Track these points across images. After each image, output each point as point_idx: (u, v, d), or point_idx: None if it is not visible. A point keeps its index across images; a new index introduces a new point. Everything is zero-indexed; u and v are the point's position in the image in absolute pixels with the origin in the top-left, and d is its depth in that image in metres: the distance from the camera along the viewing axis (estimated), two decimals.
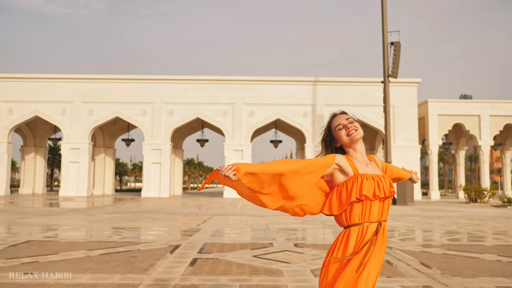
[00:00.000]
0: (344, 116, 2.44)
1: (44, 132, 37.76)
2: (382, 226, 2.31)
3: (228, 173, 2.05)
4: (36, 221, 12.24)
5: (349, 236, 2.28)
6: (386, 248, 2.42)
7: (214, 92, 31.75)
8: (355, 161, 2.37)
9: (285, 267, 5.73)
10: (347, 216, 2.31)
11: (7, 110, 31.69)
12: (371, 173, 2.35)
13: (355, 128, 2.38)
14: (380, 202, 2.32)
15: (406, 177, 2.86)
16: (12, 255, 6.48)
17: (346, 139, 2.37)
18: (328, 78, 32.10)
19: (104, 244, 7.75)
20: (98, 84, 31.87)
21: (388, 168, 2.70)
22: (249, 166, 2.12)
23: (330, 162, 2.28)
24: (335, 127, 2.42)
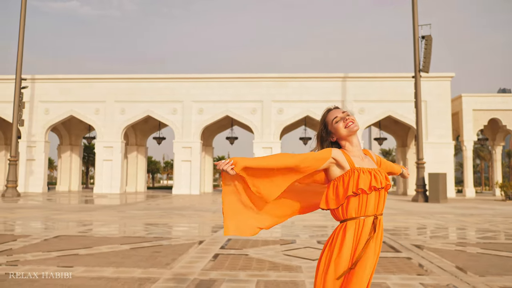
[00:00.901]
0: (340, 110, 2.45)
1: (79, 131, 38.90)
2: (378, 220, 2.31)
3: (226, 168, 2.07)
4: (69, 217, 12.66)
5: (345, 230, 2.28)
6: (381, 242, 2.40)
7: (243, 89, 31.88)
8: (351, 155, 2.37)
9: (305, 264, 5.73)
10: (344, 210, 2.31)
11: (44, 110, 32.81)
12: (367, 167, 2.36)
13: (352, 120, 2.39)
14: (376, 195, 2.31)
15: (397, 171, 2.88)
16: (43, 249, 6.74)
17: (344, 131, 2.36)
18: (357, 74, 31.69)
19: (130, 239, 7.95)
20: (129, 83, 32.56)
21: (382, 162, 2.71)
22: (247, 160, 2.14)
23: (327, 156, 2.29)
24: (331, 120, 2.41)
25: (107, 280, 4.80)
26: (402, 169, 2.94)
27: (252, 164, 2.13)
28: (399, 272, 5.31)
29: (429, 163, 28.68)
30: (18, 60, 26.07)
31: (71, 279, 4.81)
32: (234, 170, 2.09)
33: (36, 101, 32.80)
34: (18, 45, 25.99)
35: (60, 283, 4.63)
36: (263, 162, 2.17)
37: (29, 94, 32.12)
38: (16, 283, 4.61)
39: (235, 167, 2.08)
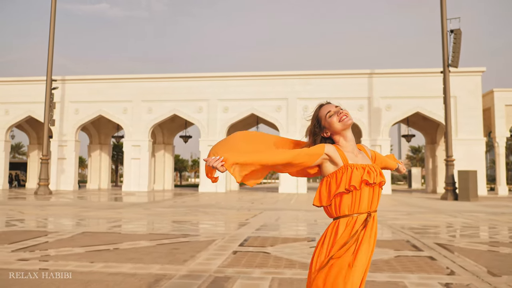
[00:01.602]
0: (332, 104, 2.40)
1: (108, 130, 39.73)
2: (371, 217, 2.27)
3: (215, 164, 2.02)
4: (96, 214, 12.94)
5: (338, 228, 2.24)
6: (376, 239, 2.35)
7: (268, 87, 31.85)
8: (345, 150, 2.32)
9: None
10: (337, 207, 2.27)
11: (74, 110, 33.65)
12: (361, 163, 2.31)
13: (346, 114, 2.35)
14: (370, 192, 2.27)
15: (393, 166, 2.82)
16: (66, 245, 6.91)
17: (339, 125, 2.32)
18: (384, 70, 31.18)
19: (152, 236, 8.07)
20: (156, 83, 33.02)
21: (377, 157, 2.66)
22: (237, 156, 2.09)
23: (320, 152, 2.25)
24: (325, 115, 2.36)
25: (124, 275, 4.88)
26: (397, 164, 2.87)
27: (243, 160, 2.09)
28: (418, 271, 5.20)
29: (459, 160, 27.96)
30: (49, 62, 26.81)
31: (89, 274, 4.92)
32: (224, 167, 2.04)
33: (66, 102, 33.67)
34: (48, 47, 26.74)
35: (78, 278, 4.73)
36: (255, 158, 2.13)
37: (59, 95, 33.01)
38: (37, 278, 4.74)
39: (225, 164, 2.03)
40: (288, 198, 23.98)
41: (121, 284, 4.52)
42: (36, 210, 14.12)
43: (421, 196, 27.60)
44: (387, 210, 15.54)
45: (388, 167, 2.77)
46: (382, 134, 30.64)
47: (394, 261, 5.79)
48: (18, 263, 5.50)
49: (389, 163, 2.76)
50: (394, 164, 2.81)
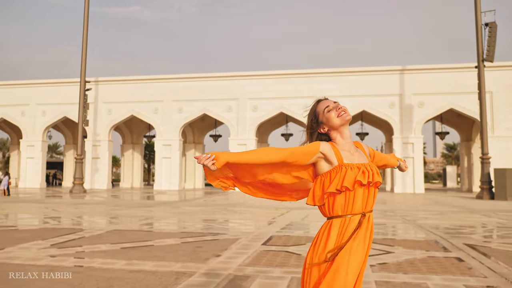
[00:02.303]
0: (331, 100, 2.34)
1: (140, 130, 40.49)
2: (366, 218, 2.20)
3: (206, 162, 1.99)
4: (127, 212, 13.22)
5: (330, 228, 2.18)
6: (372, 240, 2.28)
7: (297, 86, 31.68)
8: (341, 148, 2.26)
9: None
10: (330, 207, 2.21)
11: (107, 111, 34.46)
12: (357, 161, 2.24)
13: (344, 109, 2.28)
14: (365, 192, 2.20)
15: (393, 164, 2.73)
16: (94, 242, 7.08)
17: (337, 120, 2.25)
18: (415, 66, 30.45)
19: (177, 234, 8.16)
20: (186, 82, 33.40)
21: (376, 155, 2.57)
22: (229, 155, 2.05)
23: (315, 151, 2.20)
24: (323, 110, 2.30)
25: (146, 273, 4.96)
26: (399, 162, 2.78)
27: (235, 159, 2.05)
28: (443, 272, 5.05)
29: (496, 158, 27.02)
30: (82, 64, 27.55)
31: (112, 271, 5.02)
32: (215, 166, 2.00)
33: (100, 102, 34.52)
34: (82, 50, 27.48)
35: (100, 275, 4.84)
36: (247, 157, 2.09)
37: (93, 96, 33.87)
38: (62, 274, 4.88)
39: (216, 162, 2.00)
40: None
41: (142, 282, 4.59)
42: (70, 208, 14.54)
43: (456, 195, 26.84)
44: (418, 209, 15.18)
45: (389, 164, 2.70)
46: (414, 132, 29.96)
47: (419, 262, 5.65)
48: (46, 259, 5.68)
49: (389, 160, 2.69)
50: (394, 162, 2.74)
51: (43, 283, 4.51)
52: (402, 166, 2.80)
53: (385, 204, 18.06)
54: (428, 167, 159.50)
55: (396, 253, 6.24)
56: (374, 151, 2.53)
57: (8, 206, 15.49)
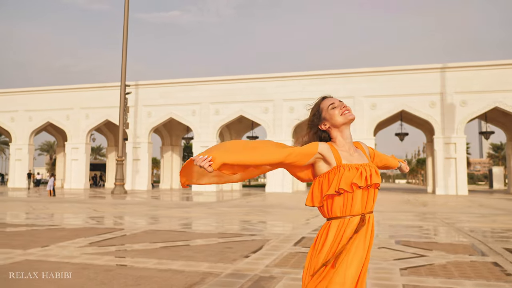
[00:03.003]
0: (336, 99, 2.31)
1: (179, 132, 41.25)
2: (366, 219, 2.17)
3: (203, 164, 1.95)
4: (163, 213, 13.50)
5: (329, 229, 2.16)
6: (372, 242, 2.23)
7: (332, 86, 31.32)
8: (340, 149, 2.23)
9: (374, 264, 5.49)
10: (329, 208, 2.19)
11: (147, 114, 35.31)
12: (356, 162, 2.21)
13: (348, 109, 2.26)
14: (364, 193, 2.17)
15: (394, 165, 2.71)
16: (128, 242, 7.29)
17: (340, 118, 2.22)
18: (457, 64, 29.44)
19: (208, 235, 8.26)
20: (223, 85, 33.74)
21: (376, 155, 2.54)
22: (226, 155, 2.01)
23: (313, 151, 2.17)
24: (327, 106, 2.27)
25: (173, 272, 5.05)
26: (400, 163, 2.76)
27: (232, 160, 2.03)
28: (476, 277, 4.87)
29: None
30: (122, 69, 28.37)
31: (142, 269, 5.15)
32: (212, 167, 1.96)
33: (140, 105, 35.42)
34: (122, 55, 28.30)
35: (129, 273, 4.97)
36: (245, 158, 2.07)
37: (133, 99, 34.81)
38: (94, 272, 5.05)
39: (213, 164, 1.97)
40: None
41: (169, 281, 4.68)
42: (109, 209, 15.00)
43: (501, 197, 25.76)
44: (460, 212, 14.68)
45: (390, 165, 2.68)
46: (457, 132, 28.98)
47: (451, 266, 5.47)
48: (81, 257, 5.89)
49: (390, 161, 2.67)
50: (395, 163, 2.72)
51: (75, 280, 4.69)
52: (403, 167, 2.79)
53: (425, 206, 17.58)
54: (474, 168, 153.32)
55: (429, 257, 6.06)
56: (374, 151, 2.51)
57: (53, 206, 16.16)
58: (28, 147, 38.50)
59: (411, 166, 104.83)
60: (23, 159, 38.48)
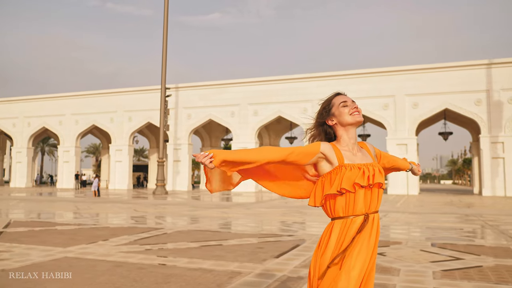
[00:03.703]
0: (350, 98, 2.28)
1: (218, 133, 41.75)
2: (370, 219, 2.13)
3: (204, 160, 1.98)
4: (200, 213, 13.71)
5: (332, 229, 2.14)
6: (378, 241, 2.17)
7: (373, 85, 30.77)
8: (343, 149, 2.21)
9: (406, 267, 5.36)
10: (332, 208, 2.17)
11: (187, 116, 35.95)
12: (359, 162, 2.17)
13: (359, 111, 2.23)
14: (367, 193, 2.13)
15: (404, 167, 2.63)
16: (162, 241, 7.46)
17: (349, 117, 2.20)
18: (504, 59, 28.15)
19: (241, 235, 8.32)
20: (261, 86, 33.85)
21: (383, 156, 2.48)
22: (227, 153, 2.04)
23: (315, 151, 2.16)
24: (339, 103, 2.25)
25: (203, 271, 5.13)
26: (411, 165, 2.68)
27: (233, 157, 2.04)
28: None
29: None
30: (163, 72, 29.03)
31: (172, 268, 5.26)
32: (213, 164, 2.00)
33: (180, 107, 36.11)
34: (162, 58, 28.96)
35: (160, 272, 5.10)
36: (245, 156, 2.08)
37: (174, 102, 35.54)
38: (127, 269, 5.21)
39: (213, 161, 2.00)
40: (396, 199, 22.91)
41: (197, 279, 4.76)
42: (149, 209, 15.39)
43: None
44: (506, 214, 14.07)
45: (399, 167, 2.61)
46: (504, 130, 27.75)
47: (488, 270, 5.25)
48: (117, 255, 6.09)
49: (399, 163, 2.60)
50: (405, 165, 2.65)
51: (108, 276, 4.85)
52: (415, 170, 2.71)
53: (469, 208, 16.96)
54: None
55: (465, 260, 5.85)
56: (380, 152, 2.47)
57: (96, 206, 16.75)
58: (75, 149, 40.07)
59: (457, 166, 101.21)
60: (70, 161, 40.08)
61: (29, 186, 41.91)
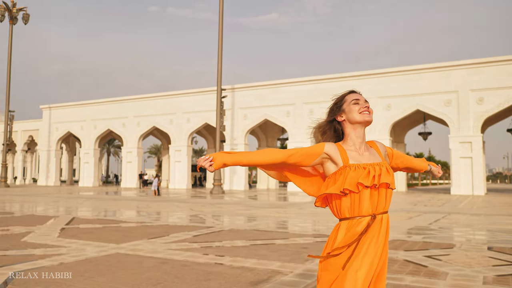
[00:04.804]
0: (363, 97, 2.21)
1: (274, 133, 41.88)
2: (377, 219, 2.05)
3: (204, 164, 1.98)
4: (253, 213, 13.84)
5: (338, 230, 2.09)
6: (387, 244, 2.07)
7: (433, 81, 29.51)
8: (349, 149, 2.14)
9: (456, 271, 5.11)
10: (338, 209, 2.12)
11: (243, 116, 36.37)
12: (366, 161, 2.10)
13: (369, 111, 2.16)
14: (373, 193, 2.05)
15: (421, 168, 2.49)
16: (210, 239, 7.61)
17: (358, 115, 2.14)
18: None
19: (289, 235, 8.32)
20: (315, 85, 33.54)
21: (396, 155, 2.36)
22: (227, 156, 2.02)
23: (319, 152, 2.11)
24: (351, 100, 2.19)
25: (244, 270, 5.18)
26: (430, 166, 2.54)
27: (232, 160, 2.03)
28: None
29: None
30: (218, 74, 29.55)
31: (215, 266, 5.36)
32: (213, 167, 1.98)
33: (236, 108, 36.60)
34: (217, 60, 29.48)
35: (202, 269, 5.21)
36: (245, 158, 2.06)
37: (230, 102, 36.08)
38: (171, 266, 5.37)
39: (214, 164, 1.98)
40: (460, 200, 21.84)
41: (237, 277, 4.82)
42: (204, 208, 15.74)
43: None
44: None
45: (415, 168, 2.49)
46: None
47: None
48: (164, 252, 6.30)
49: (415, 163, 2.49)
50: (422, 165, 2.52)
51: (152, 273, 5.03)
52: (434, 171, 2.57)
53: None
54: None
55: None
56: (393, 151, 2.37)
57: (154, 204, 17.38)
58: (137, 150, 41.79)
59: None
60: (133, 161, 41.86)
61: (95, 185, 44.25)
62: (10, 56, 39.03)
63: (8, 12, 38.29)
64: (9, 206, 16.24)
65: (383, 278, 2.09)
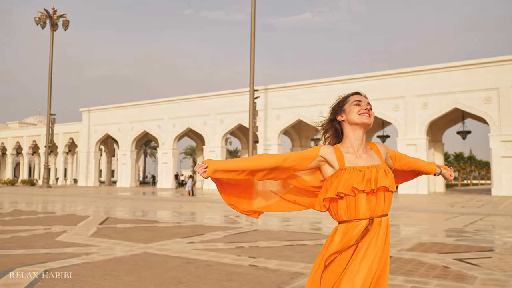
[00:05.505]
0: (366, 99, 2.19)
1: (307, 133, 41.63)
2: (376, 222, 2.00)
3: (198, 170, 1.99)
4: (281, 213, 13.80)
5: (335, 233, 2.05)
6: (387, 247, 2.00)
7: (473, 77, 28.53)
8: (346, 151, 2.10)
9: (486, 275, 4.93)
10: (335, 212, 2.08)
11: (276, 116, 36.34)
12: (363, 164, 2.05)
13: (369, 113, 2.13)
14: (371, 197, 2.00)
15: (429, 170, 2.41)
16: (236, 240, 7.66)
17: (356, 117, 2.11)
18: None
19: (315, 236, 8.24)
20: (348, 84, 33.08)
21: (399, 157, 2.30)
22: (221, 162, 2.02)
23: (314, 155, 2.09)
24: (353, 100, 2.17)
25: (266, 271, 5.18)
26: (440, 169, 2.45)
27: (223, 167, 2.02)
28: None
29: None
30: (251, 75, 29.66)
31: (238, 266, 5.38)
32: (206, 174, 1.98)
33: (269, 109, 36.62)
34: (250, 61, 29.60)
35: (225, 269, 5.24)
36: (238, 164, 2.05)
37: (263, 103, 36.13)
38: (195, 266, 5.44)
39: (207, 171, 1.98)
40: (501, 201, 21.02)
41: (259, 278, 4.83)
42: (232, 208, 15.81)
43: None
44: None
45: (421, 170, 2.42)
46: None
47: None
48: (190, 252, 6.38)
49: (421, 166, 2.41)
50: (430, 168, 2.43)
51: (176, 272, 5.11)
52: (445, 174, 2.48)
53: None
54: None
55: None
56: (395, 153, 2.32)
57: (187, 205, 17.64)
58: (173, 151, 42.50)
59: None
60: (169, 162, 42.59)
61: (132, 186, 45.31)
62: (51, 61, 40.59)
63: (49, 19, 39.86)
64: (51, 206, 16.89)
65: (384, 282, 2.04)
